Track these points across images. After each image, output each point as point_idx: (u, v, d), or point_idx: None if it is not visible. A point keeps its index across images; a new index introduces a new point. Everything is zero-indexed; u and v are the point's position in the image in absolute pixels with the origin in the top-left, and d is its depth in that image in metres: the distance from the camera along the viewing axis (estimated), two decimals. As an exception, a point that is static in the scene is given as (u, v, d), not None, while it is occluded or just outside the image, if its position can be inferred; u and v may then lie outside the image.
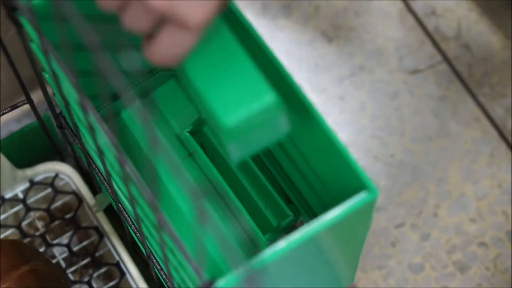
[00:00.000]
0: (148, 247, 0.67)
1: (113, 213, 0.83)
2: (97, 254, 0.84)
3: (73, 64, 0.49)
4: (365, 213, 0.56)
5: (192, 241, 0.74)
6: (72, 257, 0.85)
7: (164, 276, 0.69)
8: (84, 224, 0.86)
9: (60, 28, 0.46)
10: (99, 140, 0.56)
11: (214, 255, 0.72)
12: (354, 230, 0.58)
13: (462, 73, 1.01)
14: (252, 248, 0.74)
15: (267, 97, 0.50)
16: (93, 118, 0.51)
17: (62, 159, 0.91)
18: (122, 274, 0.82)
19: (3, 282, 0.72)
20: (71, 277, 0.84)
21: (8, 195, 0.86)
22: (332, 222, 0.52)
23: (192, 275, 0.54)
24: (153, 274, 0.73)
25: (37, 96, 0.82)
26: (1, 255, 0.73)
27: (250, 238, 0.74)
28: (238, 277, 0.47)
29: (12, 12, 0.57)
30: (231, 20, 0.60)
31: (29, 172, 0.86)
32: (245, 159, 0.76)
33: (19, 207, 0.87)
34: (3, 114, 0.75)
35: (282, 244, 0.51)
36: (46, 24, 0.55)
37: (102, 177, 0.71)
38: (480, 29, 1.04)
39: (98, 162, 0.69)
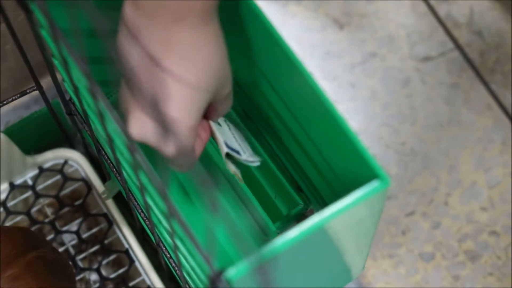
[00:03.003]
0: (158, 235, 0.67)
1: (122, 200, 0.82)
2: (106, 242, 0.84)
3: (83, 50, 0.49)
4: (376, 202, 0.55)
5: (202, 229, 0.74)
6: (81, 244, 0.85)
7: (173, 264, 0.68)
8: (93, 211, 0.86)
9: (70, 15, 0.46)
10: (108, 127, 0.56)
11: (224, 245, 0.71)
12: (365, 219, 0.58)
13: (474, 60, 1.01)
14: (262, 237, 0.73)
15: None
16: (103, 104, 0.50)
17: (72, 145, 0.90)
18: (131, 261, 0.82)
19: (11, 268, 0.72)
20: (80, 264, 0.84)
21: (17, 181, 0.86)
22: (343, 211, 0.52)
23: (202, 264, 0.54)
24: (162, 261, 0.73)
25: (46, 82, 0.81)
26: (9, 241, 0.73)
27: (260, 227, 0.74)
28: (249, 266, 0.46)
29: (21, -2, 0.57)
30: (242, 6, 0.59)
31: (39, 158, 0.86)
32: (255, 147, 0.75)
33: (29, 193, 0.86)
34: (13, 100, 0.74)
35: (293, 233, 0.50)
36: (56, 10, 0.55)
37: (111, 164, 0.70)
38: (492, 16, 1.03)
39: (108, 149, 0.68)
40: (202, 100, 0.55)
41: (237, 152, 0.68)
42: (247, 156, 0.68)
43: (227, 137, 0.68)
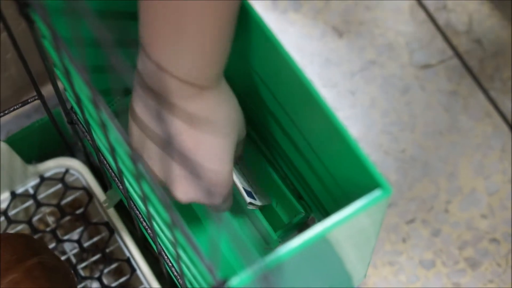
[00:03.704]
0: (160, 244, 0.67)
1: (124, 209, 0.83)
2: (107, 250, 0.84)
3: (85, 59, 0.49)
4: (378, 211, 0.55)
5: (204, 239, 0.74)
6: (83, 253, 0.85)
7: (175, 273, 0.68)
8: (94, 220, 0.86)
9: (73, 25, 0.46)
10: (110, 136, 0.56)
11: (227, 254, 0.71)
12: (367, 227, 0.58)
13: (473, 67, 1.01)
14: (264, 245, 0.73)
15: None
16: (105, 114, 0.50)
17: (73, 154, 0.90)
18: (133, 270, 0.82)
19: (12, 273, 0.72)
20: (81, 273, 0.84)
21: (18, 190, 0.86)
22: (345, 221, 0.52)
23: (205, 273, 0.54)
24: (164, 270, 0.73)
25: (46, 91, 0.81)
26: (10, 247, 0.73)
27: (261, 235, 0.74)
28: (252, 275, 0.46)
29: (24, 8, 0.57)
30: (241, 14, 0.60)
31: (40, 167, 0.86)
32: (256, 154, 0.75)
33: (30, 202, 0.86)
34: (14, 110, 0.74)
35: (295, 242, 0.50)
36: (57, 20, 0.55)
37: (113, 173, 0.71)
38: (491, 24, 1.03)
39: (109, 158, 0.69)
40: (232, 147, 0.61)
41: (252, 196, 0.72)
42: (259, 198, 0.72)
43: (239, 177, 0.71)
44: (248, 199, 0.70)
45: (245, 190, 0.71)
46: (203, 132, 0.58)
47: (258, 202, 0.72)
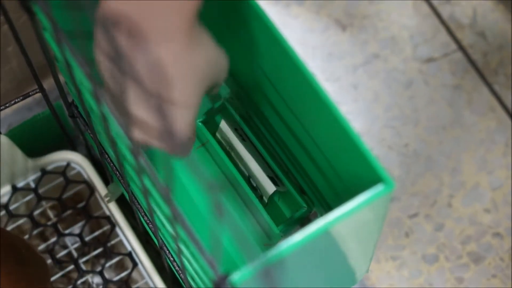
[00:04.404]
0: (161, 238, 0.67)
1: (125, 203, 0.82)
2: (109, 244, 0.84)
3: (86, 53, 0.49)
4: (381, 206, 0.55)
5: (206, 233, 0.74)
6: (84, 247, 0.84)
7: (177, 268, 0.68)
8: (96, 214, 0.85)
9: (74, 17, 0.46)
10: (112, 130, 0.55)
11: (228, 248, 0.71)
12: (370, 222, 0.58)
13: (477, 61, 1.00)
14: (265, 240, 0.73)
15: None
16: (107, 107, 0.50)
17: (74, 148, 0.90)
18: (134, 264, 0.82)
19: None
20: (83, 267, 0.83)
21: (20, 184, 0.86)
22: (348, 215, 0.51)
23: (206, 268, 0.54)
24: (165, 264, 0.73)
25: (48, 83, 0.81)
26: None
27: (263, 230, 0.74)
28: (254, 270, 0.46)
29: (25, 0, 0.57)
30: (244, 8, 0.59)
31: (41, 161, 0.86)
32: (258, 149, 0.75)
33: (31, 196, 0.86)
34: (15, 103, 0.74)
35: (298, 237, 0.50)
36: (58, 12, 0.54)
37: (114, 167, 0.70)
38: (495, 17, 1.03)
39: (111, 152, 0.68)
40: (204, 86, 0.58)
41: (275, 182, 0.71)
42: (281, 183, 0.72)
43: (259, 160, 0.71)
44: (272, 189, 0.70)
45: (270, 177, 0.71)
46: (180, 59, 0.56)
47: (283, 188, 0.72)
